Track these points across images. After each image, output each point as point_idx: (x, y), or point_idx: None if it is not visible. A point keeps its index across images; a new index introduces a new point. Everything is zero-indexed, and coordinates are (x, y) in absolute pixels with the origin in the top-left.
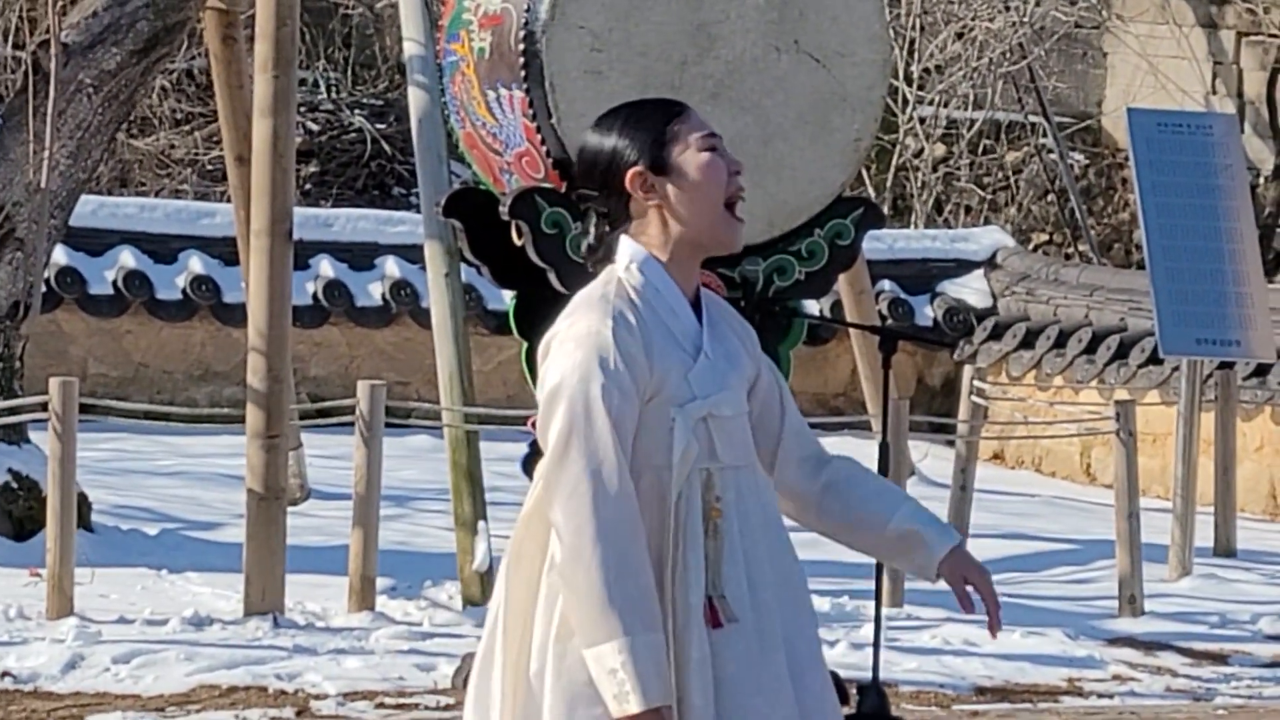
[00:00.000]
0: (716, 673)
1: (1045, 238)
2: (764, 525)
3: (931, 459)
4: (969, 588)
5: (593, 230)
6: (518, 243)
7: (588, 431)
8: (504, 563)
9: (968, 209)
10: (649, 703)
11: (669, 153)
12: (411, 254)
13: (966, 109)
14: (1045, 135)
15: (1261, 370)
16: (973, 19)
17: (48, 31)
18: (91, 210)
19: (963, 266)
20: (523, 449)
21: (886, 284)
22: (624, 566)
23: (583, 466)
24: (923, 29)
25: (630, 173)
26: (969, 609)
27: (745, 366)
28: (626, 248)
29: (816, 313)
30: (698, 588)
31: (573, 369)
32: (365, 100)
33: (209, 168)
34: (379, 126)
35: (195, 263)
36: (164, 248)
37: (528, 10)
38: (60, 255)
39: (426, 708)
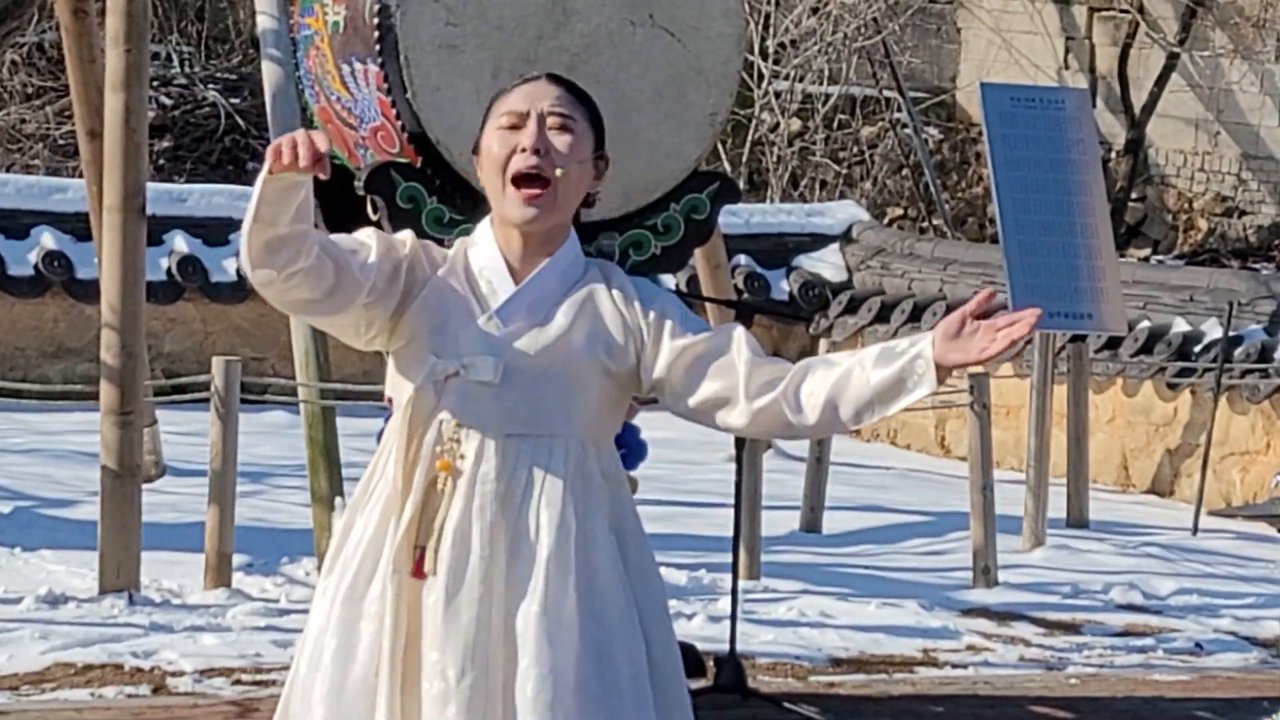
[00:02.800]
0: (412, 619)
1: (900, 212)
2: (522, 496)
3: None
4: (985, 333)
5: None
6: (373, 217)
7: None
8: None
9: (823, 184)
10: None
11: (483, 133)
12: None
13: (822, 84)
14: (900, 110)
15: (1113, 343)
16: None
17: None
18: None
19: (818, 241)
20: (379, 424)
21: (743, 258)
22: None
23: None
24: (778, 4)
25: (471, 153)
26: (1015, 329)
27: (567, 345)
28: (488, 217)
29: (673, 287)
30: (404, 531)
31: None
32: (219, 75)
33: (61, 143)
34: (233, 101)
35: (47, 238)
36: (15, 223)
37: None
38: None
39: (283, 684)
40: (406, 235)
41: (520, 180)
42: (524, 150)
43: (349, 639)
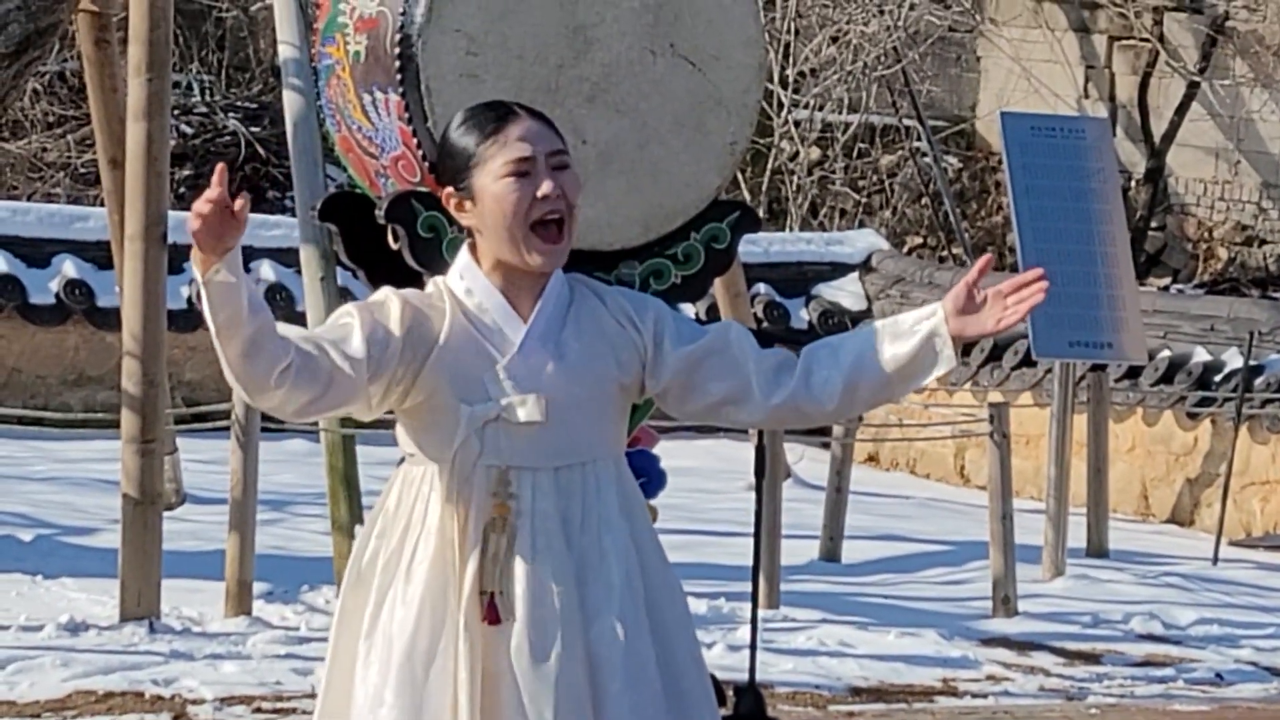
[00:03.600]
0: (488, 667)
1: (920, 241)
2: (581, 527)
3: (807, 461)
4: (995, 302)
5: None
6: (394, 246)
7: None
8: (345, 578)
9: (843, 212)
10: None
11: (474, 177)
12: (287, 258)
13: (841, 112)
14: (919, 139)
15: (1133, 372)
16: (847, 23)
17: None
18: None
19: (838, 269)
20: (399, 453)
21: (762, 287)
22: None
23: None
24: (797, 33)
25: (444, 194)
26: (1028, 293)
27: (586, 368)
28: (460, 254)
29: (692, 316)
30: (470, 581)
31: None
32: (240, 104)
33: (82, 171)
34: (253, 130)
35: (69, 267)
36: (37, 251)
37: (403, 14)
38: None
39: (304, 712)
40: (386, 296)
41: (541, 225)
42: (545, 197)
43: (415, 701)
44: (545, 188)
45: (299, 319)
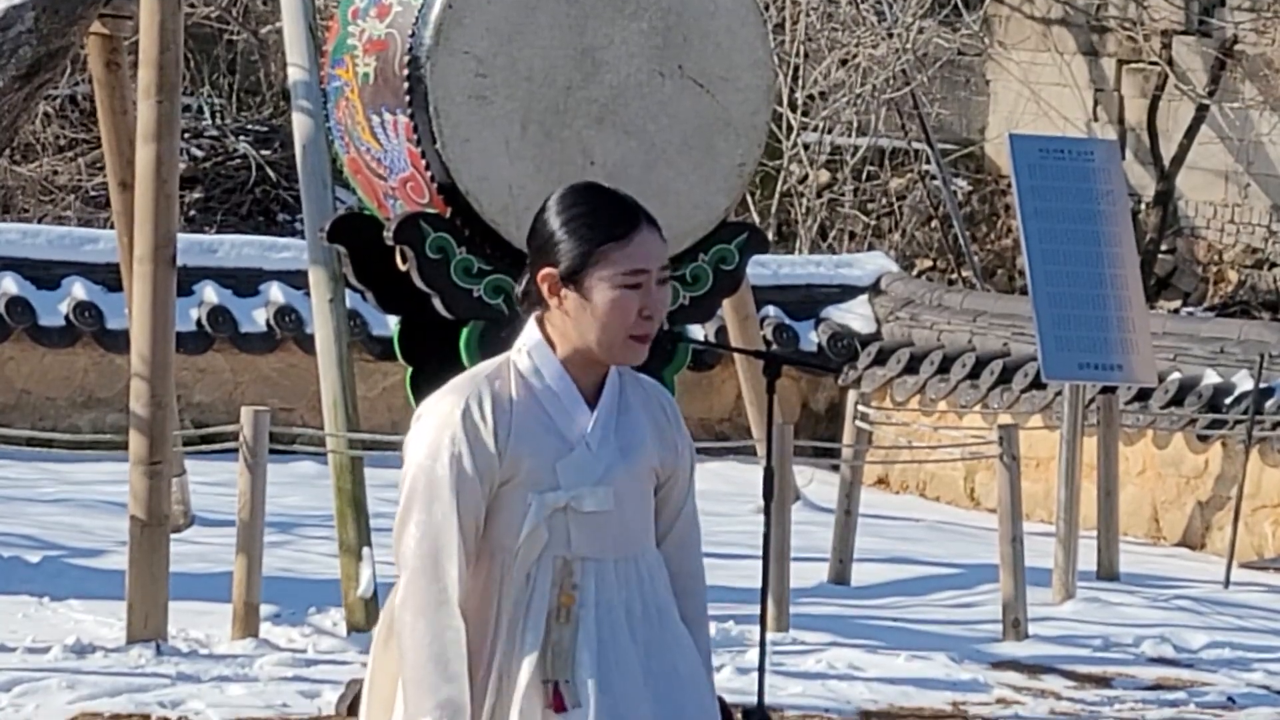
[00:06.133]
0: None
1: (929, 263)
2: (642, 617)
3: (816, 484)
4: None
5: (524, 282)
6: (402, 268)
7: (427, 509)
8: (375, 638)
9: (852, 235)
10: None
11: (587, 271)
12: (296, 280)
13: (850, 135)
14: (929, 162)
15: (1143, 394)
16: (856, 46)
17: None
18: None
19: (847, 292)
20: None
21: (771, 309)
22: (438, 652)
23: (416, 542)
24: (806, 55)
25: (543, 270)
26: None
27: (642, 459)
28: (528, 330)
29: (701, 338)
30: (529, 669)
31: (421, 447)
32: (249, 126)
33: (92, 194)
34: (263, 152)
35: (78, 289)
36: (46, 274)
37: (412, 35)
38: None
39: None
40: (446, 436)
41: (633, 336)
42: (650, 317)
43: None
44: (650, 307)
45: (308, 340)
